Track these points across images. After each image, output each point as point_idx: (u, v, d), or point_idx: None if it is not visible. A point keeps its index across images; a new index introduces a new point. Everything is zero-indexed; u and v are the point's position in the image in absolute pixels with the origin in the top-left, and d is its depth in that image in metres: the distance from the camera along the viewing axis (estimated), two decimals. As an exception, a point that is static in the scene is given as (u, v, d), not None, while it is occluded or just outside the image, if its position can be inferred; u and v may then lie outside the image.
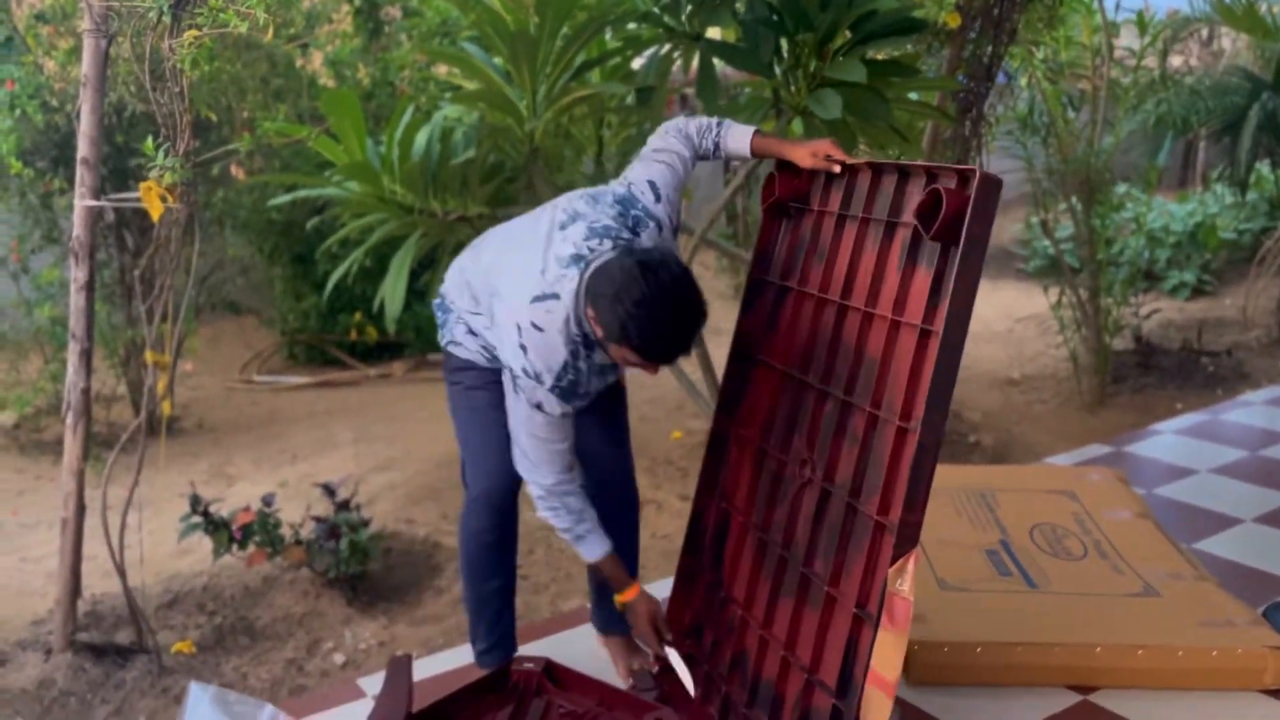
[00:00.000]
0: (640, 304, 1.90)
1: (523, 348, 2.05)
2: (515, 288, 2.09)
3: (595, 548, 2.25)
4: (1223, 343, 5.74)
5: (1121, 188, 7.47)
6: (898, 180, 2.12)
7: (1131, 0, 5.58)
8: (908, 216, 2.05)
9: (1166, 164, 10.61)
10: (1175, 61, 7.52)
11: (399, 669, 2.36)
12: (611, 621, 2.54)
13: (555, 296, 2.04)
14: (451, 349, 2.34)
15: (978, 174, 1.88)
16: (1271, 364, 5.42)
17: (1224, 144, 5.92)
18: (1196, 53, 8.61)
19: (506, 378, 2.14)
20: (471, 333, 2.28)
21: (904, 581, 1.83)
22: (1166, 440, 4.19)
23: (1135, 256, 5.61)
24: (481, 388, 2.29)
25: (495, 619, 2.44)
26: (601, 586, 2.52)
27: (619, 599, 2.33)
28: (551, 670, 2.40)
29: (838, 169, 2.23)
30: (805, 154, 2.26)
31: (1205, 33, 8.48)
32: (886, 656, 1.83)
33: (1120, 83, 4.98)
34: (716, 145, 2.30)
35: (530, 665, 2.40)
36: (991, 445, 4.43)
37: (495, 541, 2.37)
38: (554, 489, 2.17)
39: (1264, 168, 6.62)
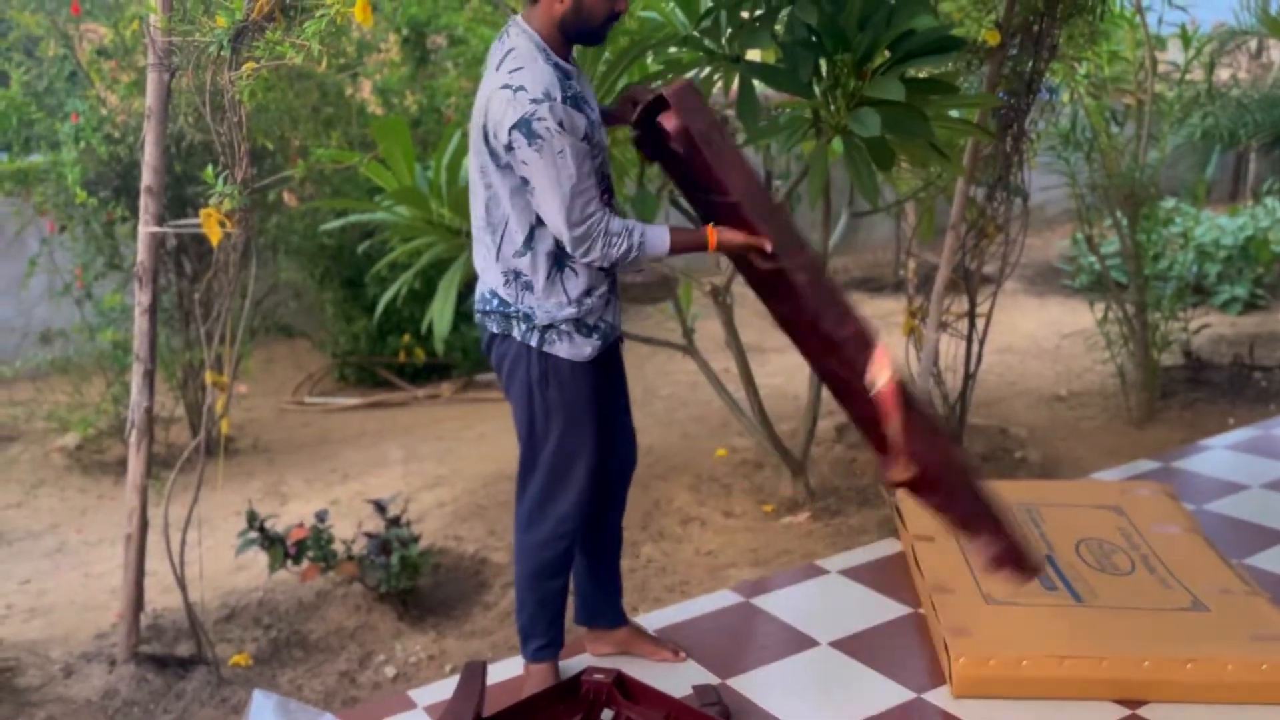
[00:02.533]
0: None
1: (519, 89, 2.08)
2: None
3: (659, 237, 2.22)
4: (1275, 358, 5.66)
5: (1170, 202, 7.41)
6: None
7: (1176, 14, 5.57)
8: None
9: (1216, 177, 10.49)
10: (1223, 74, 7.45)
11: (472, 674, 2.42)
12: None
13: (511, 51, 2.14)
14: (548, 350, 2.32)
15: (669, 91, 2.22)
16: (1326, 378, 5.34)
17: (1275, 156, 5.86)
18: (1245, 65, 8.51)
19: (522, 151, 2.11)
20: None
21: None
22: (1217, 455, 4.14)
23: (1183, 271, 5.55)
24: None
25: (556, 616, 2.48)
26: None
27: (711, 248, 2.30)
28: (622, 682, 2.44)
29: None
30: None
31: (1254, 45, 8.39)
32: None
33: (1165, 97, 4.96)
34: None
35: (601, 676, 2.44)
36: (1039, 461, 4.41)
37: (571, 545, 2.43)
38: (593, 224, 2.14)
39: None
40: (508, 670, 2.65)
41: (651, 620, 2.86)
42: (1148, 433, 4.77)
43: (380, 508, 3.47)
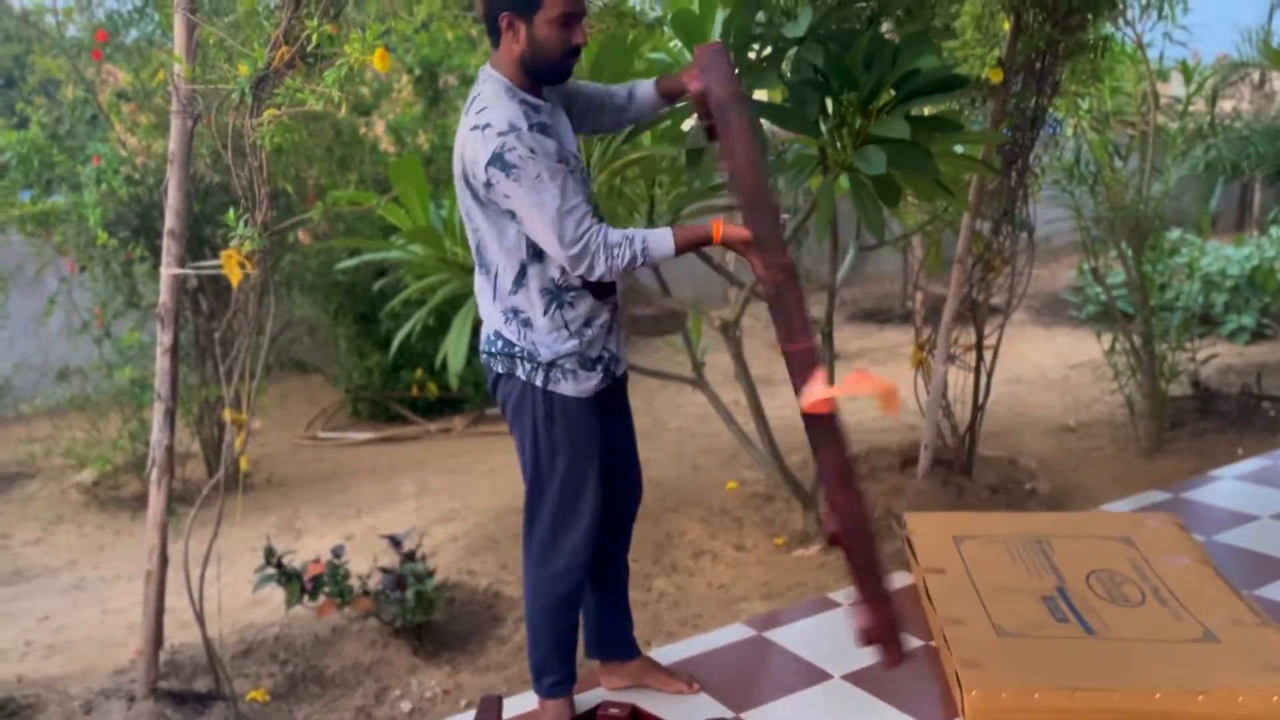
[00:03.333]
0: None
1: (485, 127, 2.11)
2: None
3: (662, 238, 2.20)
4: (1284, 387, 5.68)
5: (1175, 233, 7.45)
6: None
7: (1179, 47, 5.64)
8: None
9: (1222, 208, 10.54)
10: (1227, 106, 7.52)
11: (488, 708, 2.45)
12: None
13: (478, 95, 2.19)
14: (553, 389, 2.33)
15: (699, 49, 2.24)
16: (1335, 408, 5.35)
17: (1278, 188, 5.91)
18: (1248, 96, 8.59)
19: (502, 187, 2.14)
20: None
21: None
22: (1226, 486, 4.16)
23: (1189, 301, 5.58)
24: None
25: (570, 651, 2.50)
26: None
27: (716, 240, 2.26)
28: (637, 715, 2.47)
29: None
30: None
31: (1257, 76, 8.47)
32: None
33: (1167, 130, 5.01)
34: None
35: (616, 710, 2.47)
36: (1048, 492, 4.43)
37: (582, 579, 2.45)
38: (589, 239, 2.14)
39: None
40: (523, 704, 2.67)
41: (664, 654, 2.89)
42: (1157, 463, 4.79)
43: (395, 542, 3.50)
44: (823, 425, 2.21)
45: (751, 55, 3.32)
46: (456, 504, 4.80)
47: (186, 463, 5.17)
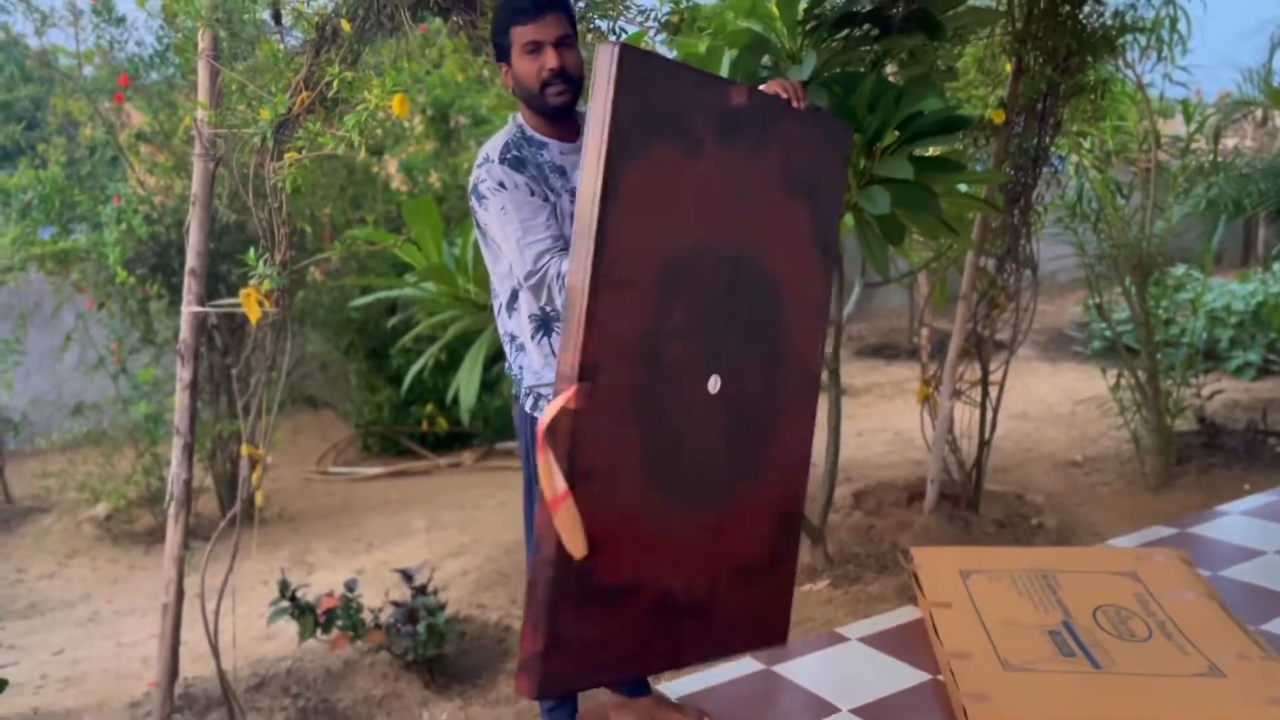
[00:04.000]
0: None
1: (484, 163, 2.22)
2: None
3: None
4: (1290, 422, 5.70)
5: (1180, 269, 7.50)
6: None
7: (1179, 87, 5.73)
8: None
9: (1227, 244, 10.59)
10: (1230, 143, 7.60)
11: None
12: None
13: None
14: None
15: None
16: (1341, 443, 5.37)
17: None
18: (1251, 133, 8.67)
19: (478, 216, 2.22)
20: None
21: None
22: (1233, 521, 4.17)
23: (1193, 338, 5.63)
24: None
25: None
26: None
27: None
28: None
29: None
30: None
31: (1260, 114, 8.56)
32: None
33: (1168, 168, 5.08)
34: None
35: None
36: (1055, 527, 4.45)
37: None
38: (547, 264, 2.15)
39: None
40: (534, 737, 2.70)
41: (673, 688, 2.91)
42: (1164, 498, 4.81)
43: (407, 576, 3.54)
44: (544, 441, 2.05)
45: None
46: (467, 538, 4.84)
47: (199, 497, 5.21)
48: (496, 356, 4.47)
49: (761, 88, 2.24)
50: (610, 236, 1.98)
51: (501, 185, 2.17)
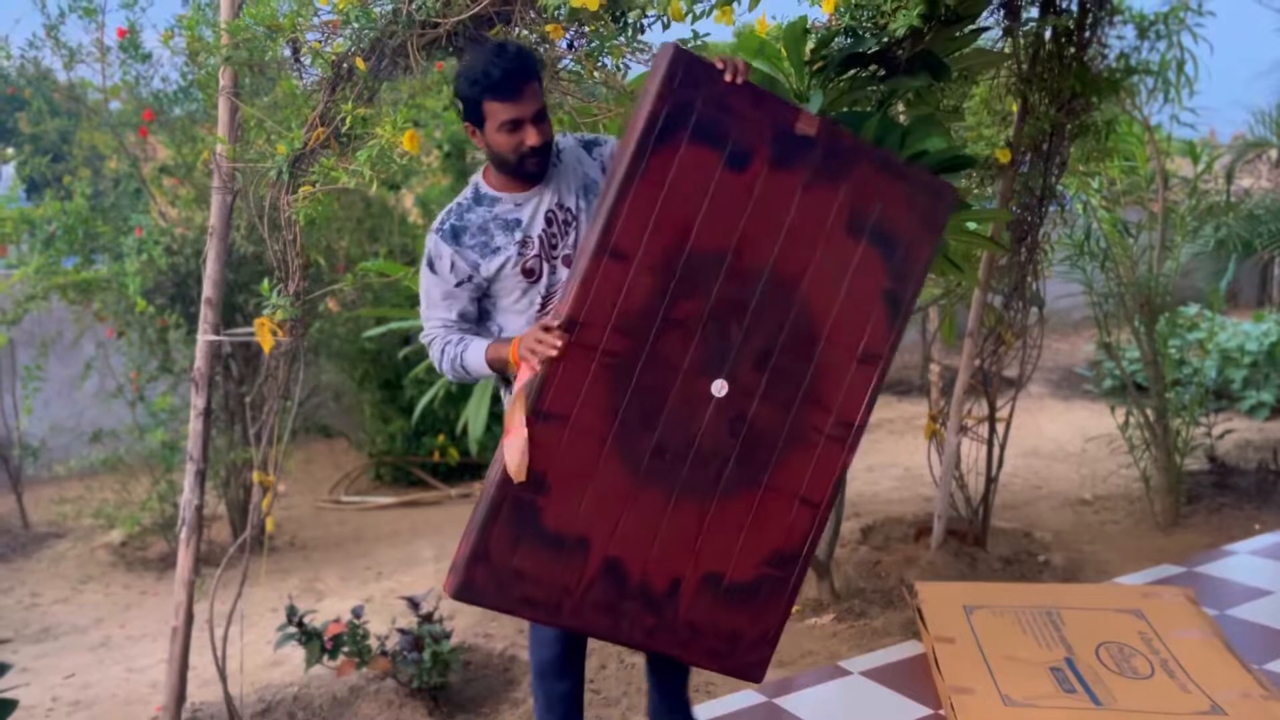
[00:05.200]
0: (465, 65, 2.32)
1: (433, 228, 2.43)
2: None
3: (474, 350, 2.36)
4: (1302, 463, 5.67)
5: (1193, 308, 7.50)
6: None
7: (1200, 121, 5.76)
8: None
9: (1243, 284, 10.58)
10: (1245, 183, 7.62)
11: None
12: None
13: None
14: None
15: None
16: (1353, 484, 5.34)
17: (1293, 264, 5.98)
18: (1266, 174, 8.70)
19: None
20: None
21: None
22: (1241, 561, 4.16)
23: (1203, 377, 5.63)
24: None
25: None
26: (660, 684, 2.62)
27: (509, 356, 2.27)
28: None
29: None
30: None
31: (1275, 155, 8.58)
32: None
33: (1176, 209, 5.11)
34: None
35: None
36: (1062, 565, 4.44)
37: (562, 651, 2.53)
38: (432, 337, 2.44)
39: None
40: (535, 766, 2.72)
41: (676, 718, 2.92)
42: (1174, 537, 4.79)
43: (413, 604, 3.57)
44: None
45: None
46: (475, 569, 4.86)
47: (212, 524, 5.28)
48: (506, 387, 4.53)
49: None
50: (622, 210, 2.18)
51: (430, 260, 2.40)
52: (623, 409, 2.23)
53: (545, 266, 2.40)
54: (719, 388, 2.28)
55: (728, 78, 2.21)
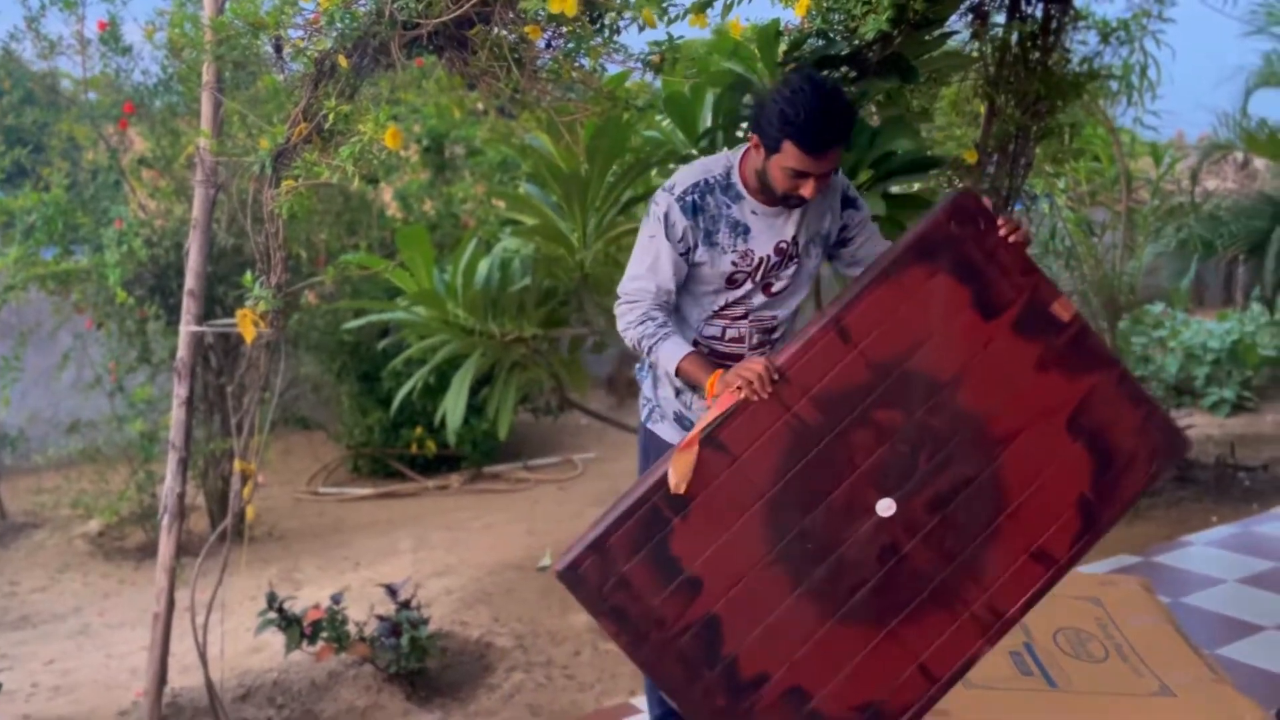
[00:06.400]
0: (797, 90, 2.17)
1: (669, 187, 2.35)
2: None
3: (672, 347, 2.28)
4: (1261, 458, 5.82)
5: (1159, 307, 7.66)
6: None
7: (1169, 122, 5.89)
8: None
9: (1209, 283, 10.76)
10: (1211, 184, 7.78)
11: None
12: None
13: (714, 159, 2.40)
14: (651, 426, 2.49)
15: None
16: (1309, 478, 5.50)
17: (1255, 264, 6.12)
18: (1232, 175, 8.88)
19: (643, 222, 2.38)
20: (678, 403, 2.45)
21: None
22: (1196, 551, 4.30)
23: (1162, 372, 5.77)
24: None
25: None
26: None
27: (709, 389, 2.25)
28: None
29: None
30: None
31: (1240, 157, 8.76)
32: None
33: (1140, 210, 5.24)
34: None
35: None
36: (1026, 556, 4.55)
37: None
38: (633, 300, 2.33)
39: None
40: (510, 747, 2.80)
41: None
42: (1133, 529, 4.92)
43: (391, 591, 3.64)
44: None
45: (740, 135, 3.55)
46: (452, 559, 4.93)
47: (191, 515, 5.31)
48: (483, 381, 4.60)
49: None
50: (865, 298, 2.22)
51: (662, 219, 2.31)
52: (788, 476, 2.18)
53: (749, 285, 2.39)
54: (886, 506, 2.21)
55: (1003, 232, 2.26)
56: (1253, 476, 5.49)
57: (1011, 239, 2.26)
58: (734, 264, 2.36)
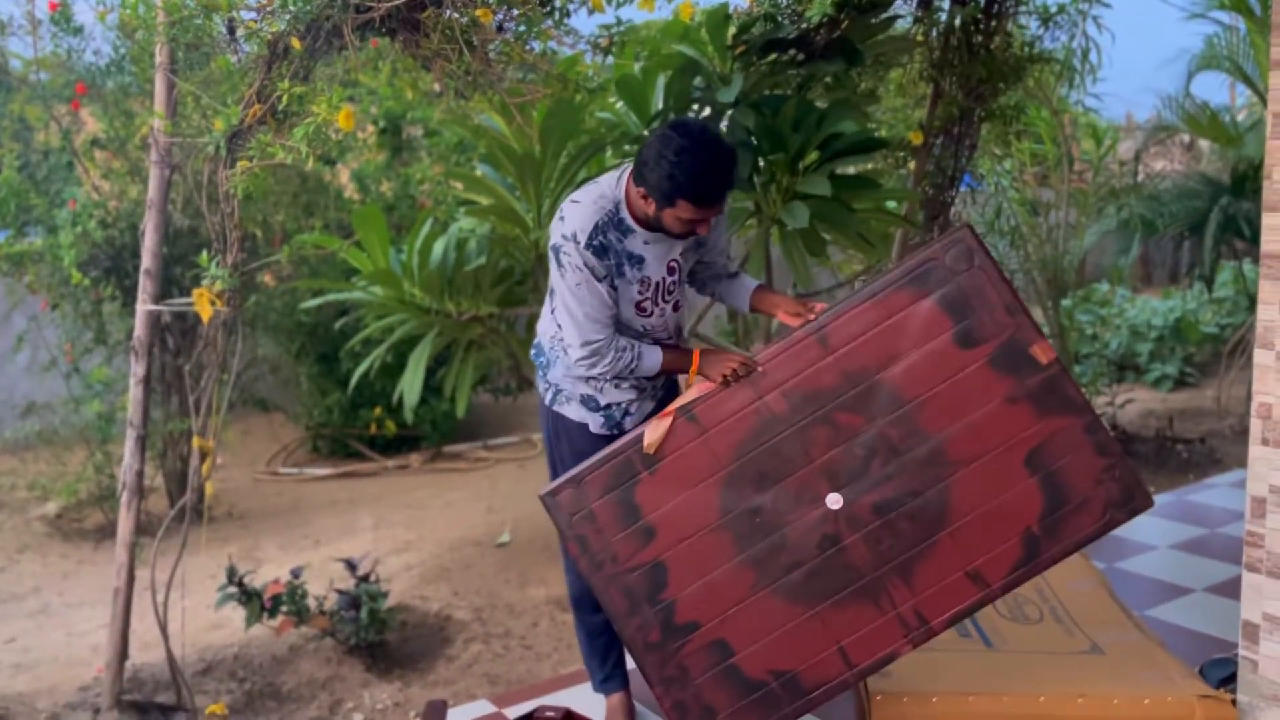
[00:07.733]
0: (681, 151, 2.26)
1: (561, 219, 2.41)
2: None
3: (651, 357, 2.48)
4: (1199, 431, 6.02)
5: (1104, 285, 7.85)
6: None
7: (1117, 106, 6.04)
8: None
9: (1157, 262, 11.00)
10: (1159, 164, 7.97)
11: (433, 713, 2.66)
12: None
13: (595, 182, 2.47)
14: (557, 409, 2.60)
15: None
16: (1243, 450, 5.68)
17: (1194, 243, 6.30)
18: (1179, 156, 9.09)
19: (553, 269, 2.45)
20: (580, 389, 2.56)
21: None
22: (1132, 519, 4.45)
23: (1105, 349, 5.94)
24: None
25: (606, 649, 2.72)
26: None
27: (690, 378, 2.48)
28: (571, 718, 2.71)
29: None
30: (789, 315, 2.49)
31: (1186, 138, 8.97)
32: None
33: (1082, 190, 5.39)
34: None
35: (552, 714, 2.73)
36: (972, 526, 4.70)
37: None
38: (599, 347, 2.43)
39: (1247, 265, 7.00)
40: (467, 714, 2.88)
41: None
42: (1076, 500, 5.08)
43: (351, 566, 3.70)
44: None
45: (690, 116, 3.62)
46: (412, 536, 5.00)
47: (150, 495, 5.32)
48: (441, 360, 4.65)
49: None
50: (848, 313, 2.42)
51: (584, 267, 2.40)
52: (749, 455, 2.41)
53: (656, 309, 2.53)
54: (834, 500, 2.41)
55: (996, 274, 2.40)
56: (1190, 449, 5.68)
57: (1002, 278, 2.39)
58: (639, 292, 2.50)
